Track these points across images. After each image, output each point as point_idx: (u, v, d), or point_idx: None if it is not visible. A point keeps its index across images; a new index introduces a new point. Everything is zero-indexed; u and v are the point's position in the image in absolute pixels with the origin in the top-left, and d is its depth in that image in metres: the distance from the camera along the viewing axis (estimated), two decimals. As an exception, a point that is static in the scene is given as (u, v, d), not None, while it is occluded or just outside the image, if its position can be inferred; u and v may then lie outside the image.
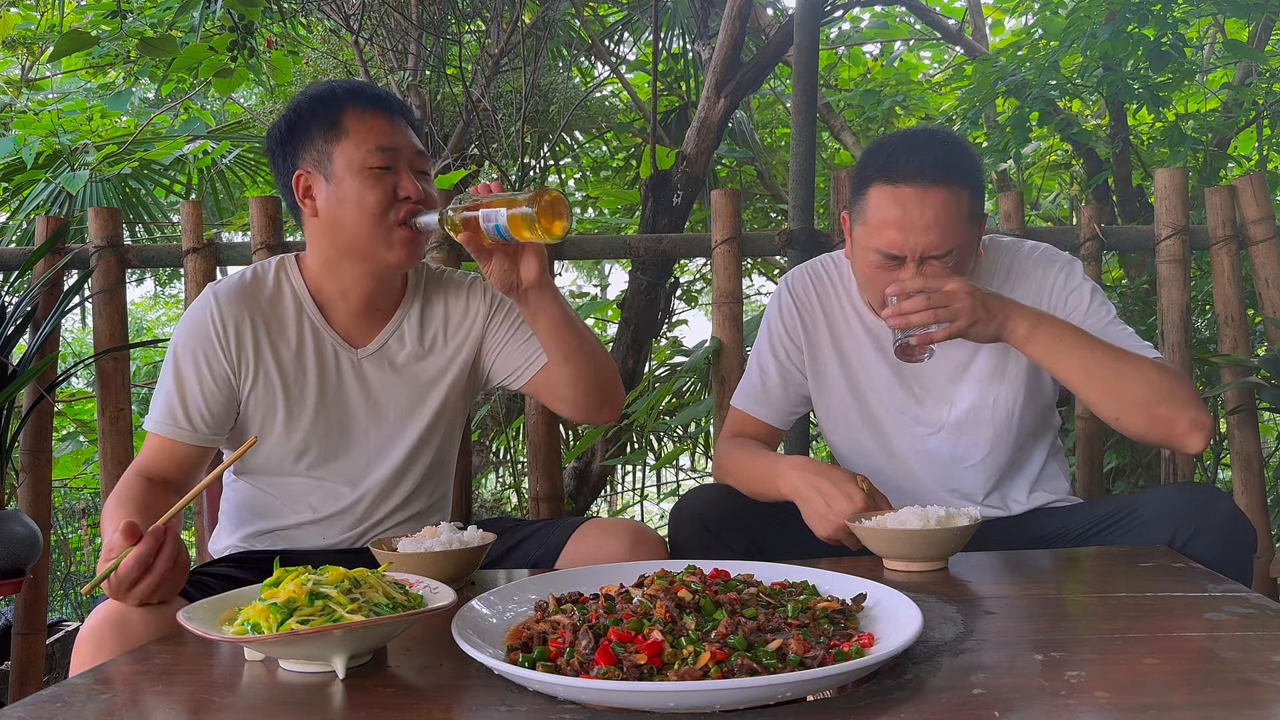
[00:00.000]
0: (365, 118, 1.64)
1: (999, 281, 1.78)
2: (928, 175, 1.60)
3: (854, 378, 1.85)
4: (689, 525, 1.68)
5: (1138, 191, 3.86)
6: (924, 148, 1.63)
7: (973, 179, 1.65)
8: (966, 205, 1.63)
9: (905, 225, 1.61)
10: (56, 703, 1.00)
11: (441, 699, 1.01)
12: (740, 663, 0.94)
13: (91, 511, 4.48)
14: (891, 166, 1.63)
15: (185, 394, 1.65)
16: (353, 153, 1.62)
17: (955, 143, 1.68)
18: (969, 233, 1.65)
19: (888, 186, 1.62)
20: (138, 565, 1.27)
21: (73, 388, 5.31)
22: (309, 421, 1.70)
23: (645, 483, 4.47)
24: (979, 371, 1.78)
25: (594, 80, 5.31)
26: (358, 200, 1.62)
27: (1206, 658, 1.02)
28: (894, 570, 1.45)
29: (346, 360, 1.72)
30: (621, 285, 4.62)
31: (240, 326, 1.67)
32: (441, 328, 1.79)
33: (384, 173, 1.62)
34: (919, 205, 1.60)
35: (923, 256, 1.62)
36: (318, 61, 4.53)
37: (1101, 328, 1.69)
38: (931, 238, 1.60)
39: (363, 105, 1.65)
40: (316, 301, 1.72)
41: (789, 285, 1.91)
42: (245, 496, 1.75)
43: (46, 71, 5.52)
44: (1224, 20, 4.12)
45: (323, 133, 1.64)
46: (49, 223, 2.71)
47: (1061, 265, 1.78)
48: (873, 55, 6.04)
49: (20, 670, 2.67)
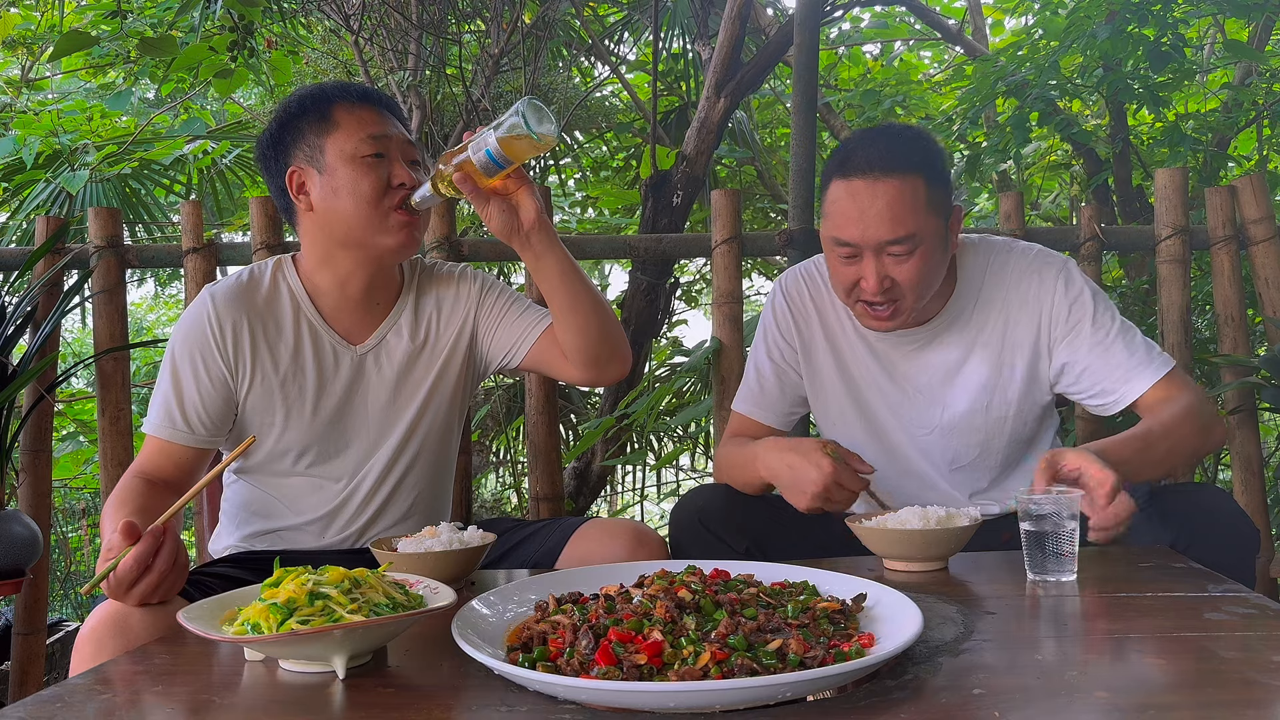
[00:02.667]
0: (354, 110, 1.66)
1: (990, 283, 1.78)
2: (878, 166, 1.62)
3: (849, 376, 1.85)
4: (690, 525, 1.69)
5: (1138, 191, 3.86)
6: (876, 141, 1.66)
7: (927, 168, 1.65)
8: (922, 194, 1.63)
9: (857, 216, 1.63)
10: (56, 703, 1.00)
11: (441, 699, 1.01)
12: (740, 663, 0.94)
13: (91, 511, 4.48)
14: (846, 161, 1.66)
15: (183, 396, 1.65)
16: (344, 143, 1.64)
17: (911, 135, 1.70)
18: (929, 222, 1.64)
19: (842, 180, 1.66)
20: (136, 565, 1.27)
21: (73, 388, 5.31)
22: (307, 420, 1.70)
23: (645, 483, 4.47)
24: (972, 375, 1.78)
25: (594, 80, 5.31)
26: (352, 188, 1.63)
27: (1206, 658, 1.02)
28: (894, 570, 1.45)
29: (346, 358, 1.72)
30: (621, 285, 4.63)
31: (237, 327, 1.67)
32: (435, 318, 1.79)
33: (376, 160, 1.64)
34: (869, 195, 1.62)
35: (878, 244, 1.63)
36: (318, 61, 4.53)
37: (1109, 341, 1.70)
38: (884, 227, 1.62)
39: (351, 99, 1.68)
40: (313, 300, 1.72)
41: (783, 287, 1.92)
42: (245, 496, 1.75)
43: (46, 71, 5.52)
44: (1224, 20, 4.12)
45: (313, 127, 1.66)
46: (49, 223, 2.71)
47: (1058, 270, 1.76)
48: (873, 55, 6.04)
49: (20, 670, 2.67)
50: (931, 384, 1.80)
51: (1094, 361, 1.71)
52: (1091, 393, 1.73)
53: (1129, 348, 1.70)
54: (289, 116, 1.69)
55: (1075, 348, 1.72)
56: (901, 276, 1.65)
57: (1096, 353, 1.70)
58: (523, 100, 1.44)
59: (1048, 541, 1.33)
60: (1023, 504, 1.36)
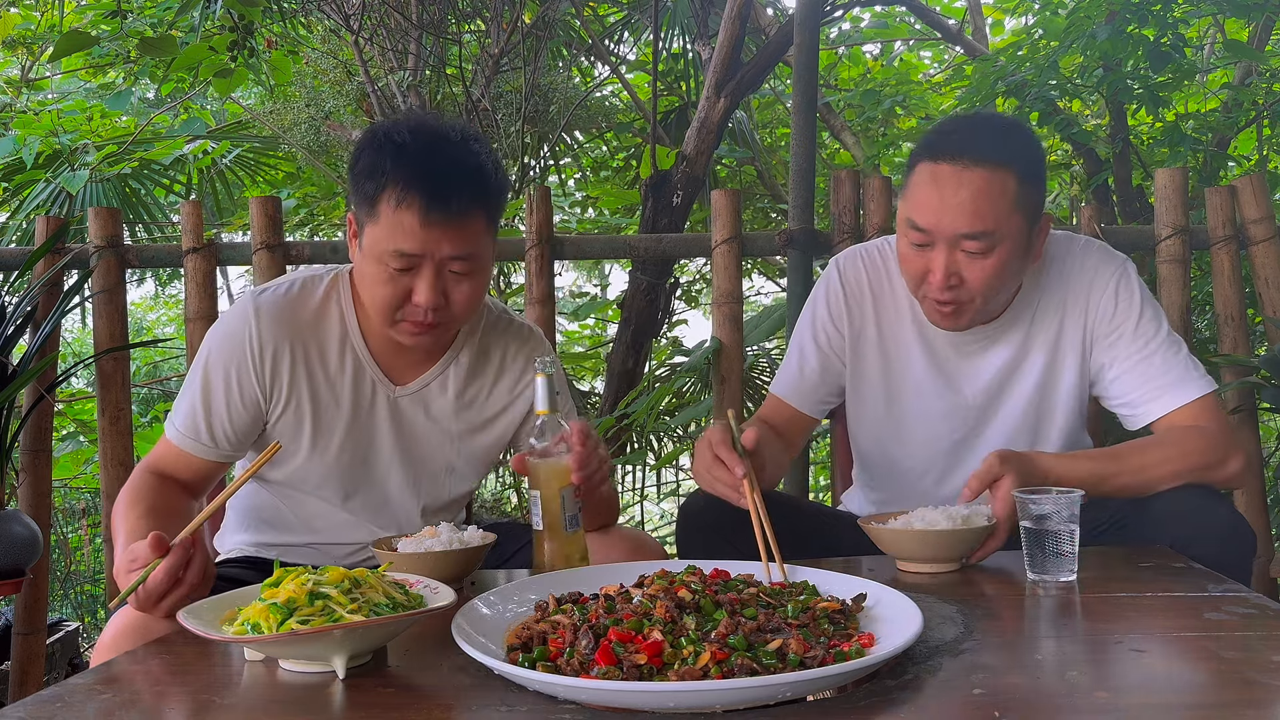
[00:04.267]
0: (399, 209, 1.45)
1: (1052, 280, 1.71)
2: (968, 153, 1.54)
3: (892, 374, 1.77)
4: (695, 525, 1.65)
5: (1138, 191, 3.86)
6: (973, 128, 1.59)
7: (1022, 164, 1.56)
8: (1011, 190, 1.55)
9: (937, 203, 1.55)
10: (56, 703, 1.00)
11: (441, 699, 1.01)
12: (740, 663, 0.94)
13: (92, 511, 4.47)
14: (937, 143, 1.59)
15: (210, 409, 1.58)
16: (376, 238, 1.48)
17: (1010, 126, 1.63)
18: (1012, 221, 1.56)
19: (930, 162, 1.58)
20: (168, 578, 1.23)
21: (73, 388, 5.31)
22: (334, 454, 1.63)
23: (645, 483, 4.47)
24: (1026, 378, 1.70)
25: (594, 80, 5.31)
26: (370, 286, 1.52)
27: (1206, 658, 1.02)
28: (909, 572, 1.43)
29: (383, 396, 1.63)
30: (621, 285, 4.63)
31: (279, 349, 1.58)
32: (489, 387, 1.70)
33: (399, 274, 1.49)
34: (954, 183, 1.54)
35: (954, 236, 1.55)
36: (318, 61, 4.52)
37: (1149, 352, 1.64)
38: (963, 219, 1.54)
39: (402, 187, 1.45)
40: (363, 329, 1.63)
41: (839, 267, 1.81)
42: (256, 502, 1.71)
43: (46, 71, 5.51)
44: (1224, 20, 4.12)
45: (363, 191, 1.50)
46: (49, 223, 2.71)
47: (1114, 270, 1.69)
48: (873, 55, 6.04)
49: (20, 670, 2.67)
50: (985, 390, 1.73)
51: (1127, 371, 1.66)
52: (1119, 402, 1.68)
53: (1166, 364, 1.63)
54: (356, 160, 1.52)
55: (1113, 353, 1.67)
56: (972, 276, 1.58)
57: (1132, 362, 1.65)
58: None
59: (1048, 541, 1.33)
60: (1022, 504, 1.36)
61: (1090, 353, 1.70)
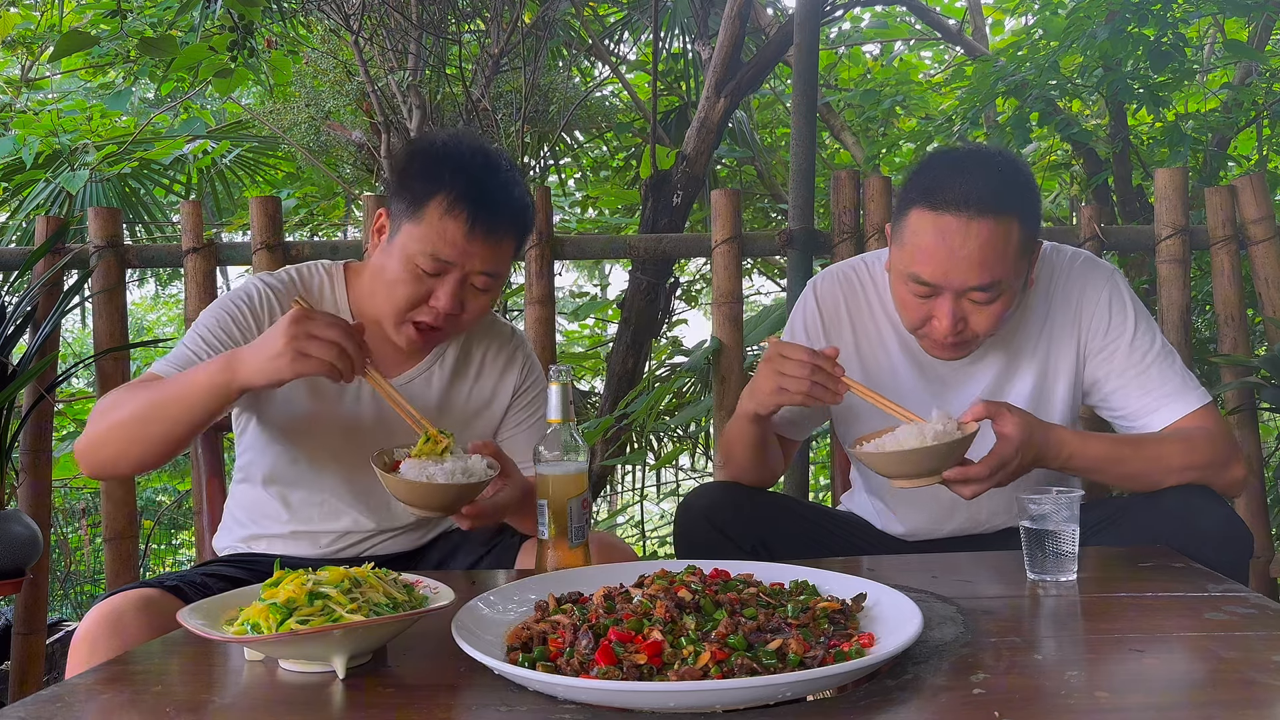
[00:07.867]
0: (446, 217, 1.52)
1: (1038, 291, 1.67)
2: (974, 204, 1.46)
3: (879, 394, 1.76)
4: (696, 523, 1.65)
5: (1138, 191, 3.86)
6: (973, 172, 1.49)
7: (1024, 208, 1.51)
8: (1016, 238, 1.49)
9: (944, 257, 1.48)
10: (56, 703, 1.00)
11: (441, 699, 1.01)
12: (740, 663, 0.94)
13: (91, 511, 4.48)
14: (935, 189, 1.49)
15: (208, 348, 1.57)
16: (414, 239, 1.53)
17: (1010, 168, 1.54)
18: (1017, 266, 1.51)
19: (929, 212, 1.49)
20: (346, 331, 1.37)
21: (73, 388, 5.31)
22: (319, 438, 1.65)
23: (645, 483, 4.47)
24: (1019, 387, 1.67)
25: (594, 80, 5.31)
26: (391, 282, 1.56)
27: (1206, 658, 1.02)
28: (902, 487, 1.42)
29: (368, 388, 1.64)
30: (621, 285, 4.62)
31: (277, 317, 1.57)
32: (470, 384, 1.73)
33: (426, 276, 1.54)
34: (961, 236, 1.47)
35: (962, 289, 1.50)
36: (317, 61, 4.52)
37: (1145, 364, 1.62)
38: (972, 273, 1.48)
39: (455, 197, 1.52)
40: (356, 319, 1.65)
41: (815, 291, 1.78)
42: (248, 500, 1.72)
43: (46, 71, 5.51)
44: (1224, 20, 4.12)
45: (409, 197, 1.55)
46: (49, 223, 2.71)
47: (1105, 280, 1.67)
48: (873, 55, 6.05)
49: (20, 670, 2.68)
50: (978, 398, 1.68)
51: (1125, 384, 1.63)
52: (1118, 414, 1.67)
53: (1163, 375, 1.61)
54: (410, 161, 1.58)
55: (1109, 366, 1.65)
56: (978, 321, 1.54)
57: (1130, 375, 1.63)
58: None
59: (1048, 541, 1.33)
60: (1022, 504, 1.36)
61: (1084, 365, 1.68)
